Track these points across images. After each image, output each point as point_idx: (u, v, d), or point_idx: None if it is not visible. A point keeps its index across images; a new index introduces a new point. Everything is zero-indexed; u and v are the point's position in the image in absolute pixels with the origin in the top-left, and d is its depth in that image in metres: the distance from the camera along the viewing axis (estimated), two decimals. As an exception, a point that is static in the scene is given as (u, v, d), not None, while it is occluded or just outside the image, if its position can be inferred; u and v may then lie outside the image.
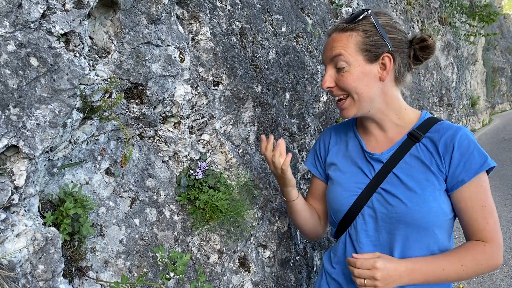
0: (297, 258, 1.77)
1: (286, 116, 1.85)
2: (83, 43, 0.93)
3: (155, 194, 1.23)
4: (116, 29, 1.07)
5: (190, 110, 1.33)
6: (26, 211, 0.82)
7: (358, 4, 2.98)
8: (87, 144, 1.05)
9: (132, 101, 1.14)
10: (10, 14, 0.76)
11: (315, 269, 1.94)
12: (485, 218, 1.06)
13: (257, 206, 1.56)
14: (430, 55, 1.17)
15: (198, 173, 1.30)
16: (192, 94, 1.32)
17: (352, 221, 1.20)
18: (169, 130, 1.29)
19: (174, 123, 1.30)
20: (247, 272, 1.47)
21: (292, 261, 1.72)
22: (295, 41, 2.03)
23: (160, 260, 1.04)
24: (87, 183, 1.05)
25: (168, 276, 1.05)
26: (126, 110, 1.13)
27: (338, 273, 1.25)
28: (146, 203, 1.19)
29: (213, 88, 1.43)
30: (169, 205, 1.26)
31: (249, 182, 1.51)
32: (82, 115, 0.95)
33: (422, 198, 1.07)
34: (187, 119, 1.33)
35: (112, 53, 1.06)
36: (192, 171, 1.31)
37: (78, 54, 0.90)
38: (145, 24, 1.14)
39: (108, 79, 1.03)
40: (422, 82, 4.59)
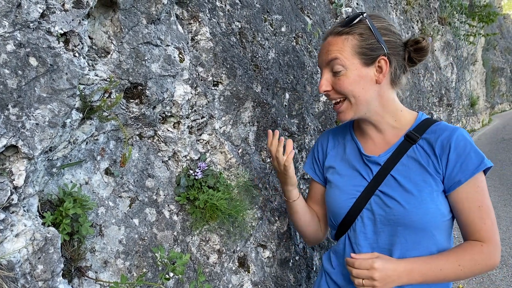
0: (296, 258, 1.77)
1: (286, 116, 1.85)
2: (83, 43, 0.93)
3: (155, 194, 1.23)
4: (115, 29, 1.07)
5: (190, 110, 1.33)
6: (25, 211, 0.82)
7: (357, 4, 2.98)
8: (87, 144, 1.05)
9: (131, 101, 1.14)
10: (9, 14, 0.76)
11: (315, 269, 1.94)
12: (482, 218, 1.06)
13: (256, 206, 1.56)
14: (424, 57, 1.17)
15: (197, 173, 1.30)
16: (191, 94, 1.31)
17: (351, 223, 1.20)
18: (168, 130, 1.29)
19: (173, 123, 1.30)
20: (247, 272, 1.47)
21: (291, 261, 1.72)
22: (295, 41, 2.02)
23: (159, 260, 1.04)
24: (87, 183, 1.05)
25: (167, 276, 1.05)
26: (126, 110, 1.13)
27: (338, 274, 1.25)
28: (146, 203, 1.19)
29: (212, 88, 1.43)
30: (168, 205, 1.26)
31: (248, 182, 1.51)
32: (81, 115, 0.95)
33: (420, 200, 1.07)
34: (187, 119, 1.33)
35: (111, 53, 1.06)
36: (191, 171, 1.31)
37: (77, 54, 0.90)
38: (144, 24, 1.14)
39: (107, 79, 1.03)
40: (422, 82, 4.59)
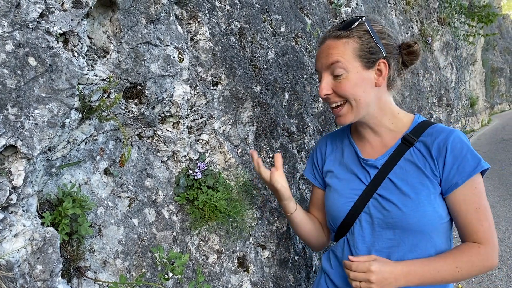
0: (296, 258, 1.77)
1: (285, 116, 1.85)
2: (82, 43, 0.93)
3: (154, 194, 1.23)
4: (114, 29, 1.07)
5: (189, 110, 1.33)
6: (24, 211, 0.82)
7: (357, 4, 2.98)
8: (86, 144, 1.05)
9: (130, 101, 1.14)
10: (8, 13, 0.76)
11: (314, 269, 1.94)
12: (479, 220, 1.06)
13: (256, 206, 1.56)
14: (416, 61, 1.19)
15: (197, 173, 1.30)
16: (191, 94, 1.31)
17: (349, 227, 1.20)
18: (168, 130, 1.28)
19: (173, 123, 1.30)
20: (246, 272, 1.47)
21: (291, 261, 1.72)
22: (294, 41, 2.02)
23: (158, 260, 1.04)
24: (86, 183, 1.04)
25: (166, 276, 1.05)
26: (125, 110, 1.13)
27: (336, 275, 1.26)
28: (145, 203, 1.19)
29: (212, 88, 1.43)
30: (167, 205, 1.26)
31: (248, 182, 1.51)
32: (80, 115, 0.94)
33: (417, 203, 1.08)
34: (186, 119, 1.33)
35: (110, 53, 1.06)
36: (191, 171, 1.31)
37: (76, 54, 0.90)
38: (144, 24, 1.13)
39: (106, 79, 1.03)
40: (421, 82, 4.59)
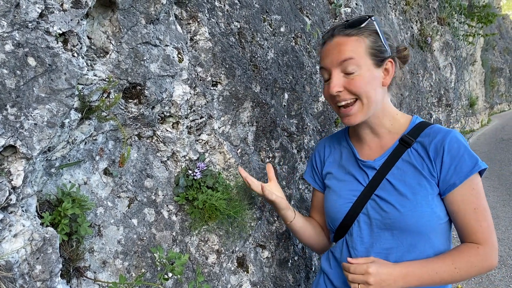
0: (295, 258, 1.77)
1: (285, 116, 1.85)
2: (81, 43, 0.93)
3: (153, 194, 1.23)
4: (114, 29, 1.07)
5: (189, 110, 1.33)
6: (23, 211, 0.82)
7: (356, 4, 2.98)
8: (85, 144, 1.05)
9: (130, 101, 1.14)
10: (8, 13, 0.76)
11: (314, 269, 1.94)
12: (478, 220, 1.06)
13: (255, 206, 1.56)
14: (405, 64, 1.25)
15: (196, 173, 1.30)
16: (190, 94, 1.31)
17: (348, 228, 1.20)
18: (167, 130, 1.28)
19: (172, 123, 1.30)
20: (246, 272, 1.47)
21: (290, 261, 1.72)
22: (294, 41, 2.02)
23: (158, 260, 1.04)
24: (85, 183, 1.04)
25: (166, 276, 1.05)
26: (124, 110, 1.13)
27: (335, 275, 1.26)
28: (144, 203, 1.19)
29: (211, 88, 1.43)
30: (167, 205, 1.26)
31: (247, 182, 1.51)
32: (80, 115, 0.94)
33: (414, 203, 1.08)
34: (186, 119, 1.33)
35: (110, 53, 1.06)
36: (190, 171, 1.31)
37: (76, 54, 0.90)
38: (143, 24, 1.13)
39: (106, 79, 1.03)
40: (421, 82, 4.59)
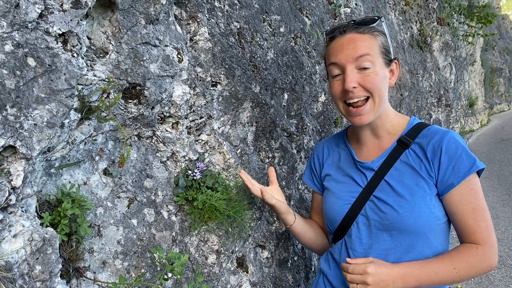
0: (295, 258, 1.77)
1: (285, 116, 1.85)
2: (81, 43, 0.93)
3: (153, 194, 1.23)
4: (114, 29, 1.07)
5: (188, 111, 1.33)
6: (23, 212, 0.82)
7: (356, 4, 2.98)
8: (85, 144, 1.05)
9: (130, 101, 1.14)
10: (7, 14, 0.76)
11: (313, 269, 1.94)
12: (476, 221, 1.06)
13: (255, 207, 1.56)
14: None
15: (196, 173, 1.30)
16: (190, 94, 1.31)
17: (347, 229, 1.21)
18: (167, 131, 1.28)
19: (172, 124, 1.30)
20: (245, 272, 1.47)
21: (290, 261, 1.72)
22: (294, 41, 2.03)
23: (158, 260, 1.04)
24: (85, 184, 1.04)
25: (166, 276, 1.05)
26: (124, 110, 1.13)
27: (334, 276, 1.26)
28: (144, 204, 1.19)
29: (211, 88, 1.43)
30: (167, 205, 1.26)
31: (247, 182, 1.51)
32: (80, 116, 0.94)
33: (412, 204, 1.08)
34: (185, 120, 1.33)
35: (110, 53, 1.06)
36: (190, 172, 1.31)
37: (75, 54, 0.90)
38: (143, 24, 1.13)
39: (106, 79, 1.03)
40: (420, 82, 4.60)
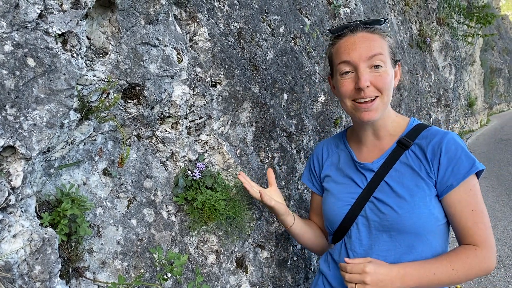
0: (294, 258, 1.77)
1: (284, 116, 1.85)
2: (81, 44, 0.93)
3: (153, 194, 1.23)
4: (113, 29, 1.07)
5: (188, 111, 1.33)
6: (23, 212, 0.82)
7: (356, 4, 2.98)
8: (85, 144, 1.05)
9: (129, 101, 1.14)
10: (7, 14, 0.76)
11: (313, 269, 1.94)
12: (475, 222, 1.06)
13: (254, 207, 1.56)
14: None
15: (195, 173, 1.30)
16: (189, 94, 1.31)
17: (346, 230, 1.21)
18: (166, 131, 1.28)
19: (171, 124, 1.30)
20: (245, 272, 1.47)
21: (289, 261, 1.72)
22: (293, 41, 2.03)
23: (157, 260, 1.04)
24: (85, 184, 1.04)
25: (165, 276, 1.05)
26: (124, 110, 1.13)
27: (334, 277, 1.26)
28: (144, 204, 1.19)
29: (210, 88, 1.43)
30: (166, 205, 1.26)
31: (247, 182, 1.51)
32: (79, 116, 0.94)
33: (412, 205, 1.08)
34: (185, 120, 1.33)
35: (109, 53, 1.06)
36: (189, 172, 1.31)
37: (75, 55, 0.90)
38: (142, 24, 1.13)
39: (105, 80, 1.03)
40: (420, 82, 4.60)
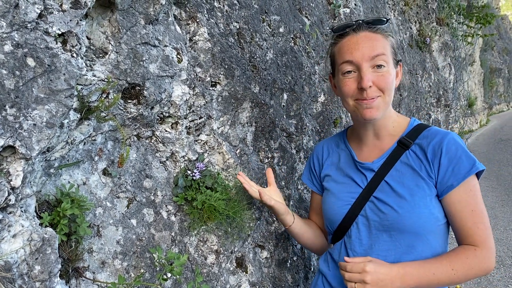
0: (294, 258, 1.77)
1: (284, 116, 1.85)
2: (80, 44, 0.93)
3: (152, 194, 1.23)
4: (113, 29, 1.07)
5: (188, 111, 1.33)
6: (22, 212, 0.82)
7: (355, 4, 2.98)
8: (84, 144, 1.05)
9: (129, 101, 1.14)
10: (7, 14, 0.76)
11: (313, 269, 1.94)
12: (475, 222, 1.06)
13: (254, 207, 1.56)
14: None
15: (195, 173, 1.30)
16: (189, 94, 1.32)
17: (346, 230, 1.21)
18: (166, 131, 1.28)
19: (171, 124, 1.30)
20: (245, 272, 1.47)
21: (289, 261, 1.72)
22: (293, 41, 2.03)
23: (157, 260, 1.04)
24: (84, 184, 1.04)
25: (165, 276, 1.05)
26: (124, 110, 1.13)
27: (333, 276, 1.26)
28: (143, 204, 1.19)
29: (210, 88, 1.43)
30: (166, 205, 1.26)
31: (246, 182, 1.51)
32: (79, 116, 0.94)
33: (412, 204, 1.08)
34: (185, 120, 1.33)
35: (109, 53, 1.06)
36: (189, 172, 1.31)
37: (75, 55, 0.90)
38: (142, 24, 1.14)
39: (105, 80, 1.03)
40: (420, 82, 4.60)
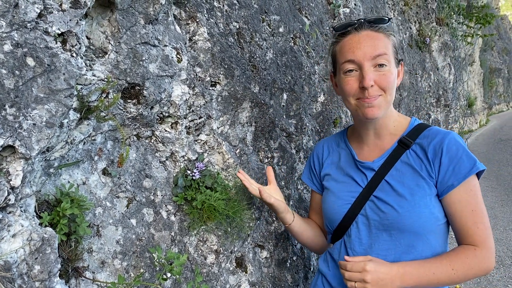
0: (294, 258, 1.77)
1: (284, 116, 1.85)
2: (80, 43, 0.93)
3: (152, 194, 1.23)
4: (113, 29, 1.07)
5: (187, 111, 1.33)
6: (22, 211, 0.82)
7: (355, 4, 2.99)
8: (84, 144, 1.05)
9: (129, 101, 1.14)
10: (6, 14, 0.76)
11: (312, 269, 1.94)
12: (475, 222, 1.06)
13: (254, 207, 1.56)
14: None
15: (195, 173, 1.30)
16: (189, 94, 1.32)
17: (346, 229, 1.21)
18: (166, 131, 1.28)
19: (171, 123, 1.30)
20: (244, 272, 1.47)
21: (289, 261, 1.72)
22: (293, 41, 2.03)
23: (157, 260, 1.04)
24: (84, 183, 1.04)
25: (165, 276, 1.05)
26: (123, 110, 1.13)
27: (333, 276, 1.26)
28: (143, 204, 1.19)
29: (210, 88, 1.43)
30: (166, 205, 1.26)
31: (246, 182, 1.51)
32: (79, 115, 0.94)
33: (412, 204, 1.08)
34: (184, 119, 1.33)
35: (109, 53, 1.06)
36: (189, 172, 1.31)
37: (75, 54, 0.90)
38: (142, 24, 1.13)
39: (105, 79, 1.03)
40: (419, 82, 4.60)
